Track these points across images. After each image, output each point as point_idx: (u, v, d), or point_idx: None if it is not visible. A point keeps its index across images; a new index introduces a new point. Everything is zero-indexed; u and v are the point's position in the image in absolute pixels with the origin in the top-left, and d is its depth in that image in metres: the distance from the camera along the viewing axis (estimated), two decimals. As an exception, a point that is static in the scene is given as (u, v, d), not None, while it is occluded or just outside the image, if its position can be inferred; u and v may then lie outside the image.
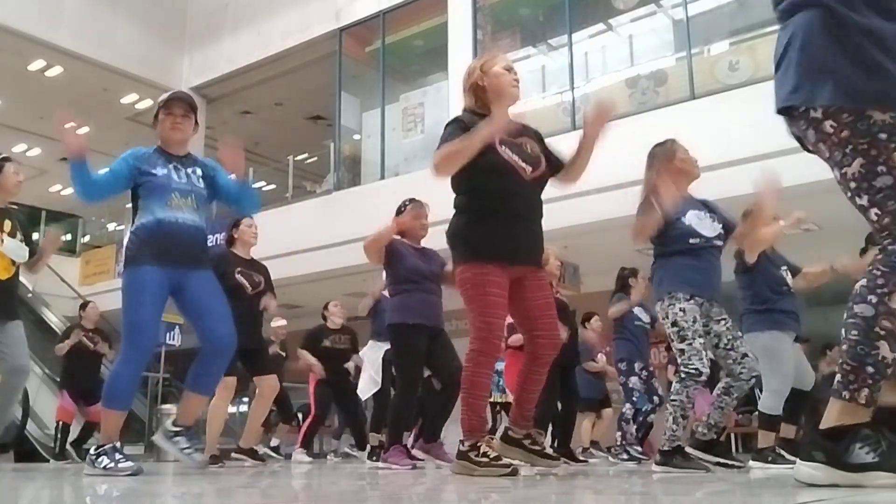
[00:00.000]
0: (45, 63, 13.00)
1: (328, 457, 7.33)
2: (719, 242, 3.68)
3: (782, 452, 4.31)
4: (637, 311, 6.36)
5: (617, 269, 6.58)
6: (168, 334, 9.75)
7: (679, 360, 3.46)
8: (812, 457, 1.82)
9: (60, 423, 7.28)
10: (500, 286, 3.02)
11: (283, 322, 7.74)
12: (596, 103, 3.27)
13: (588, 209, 7.83)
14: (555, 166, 3.23)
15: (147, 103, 14.50)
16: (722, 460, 3.67)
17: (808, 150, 1.96)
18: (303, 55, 12.57)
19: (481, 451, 2.86)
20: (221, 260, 4.79)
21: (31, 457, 7.15)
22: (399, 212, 4.66)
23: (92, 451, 3.27)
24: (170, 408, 8.61)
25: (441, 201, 4.62)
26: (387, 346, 5.10)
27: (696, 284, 3.51)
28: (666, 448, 3.39)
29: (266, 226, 5.14)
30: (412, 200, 4.72)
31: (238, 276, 4.81)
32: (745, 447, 9.10)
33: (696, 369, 3.39)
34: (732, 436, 9.23)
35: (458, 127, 3.07)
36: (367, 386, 5.72)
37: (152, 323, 3.28)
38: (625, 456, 6.09)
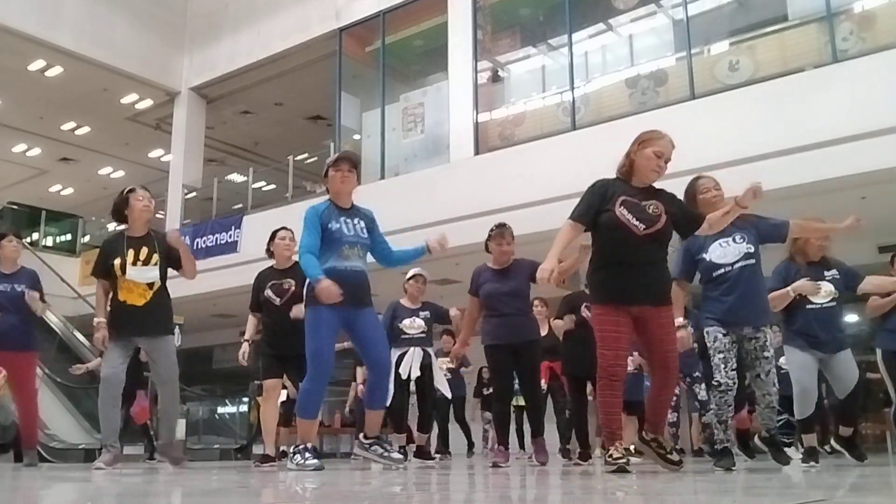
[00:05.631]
0: (45, 63, 13.01)
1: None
2: None
3: (840, 448, 4.82)
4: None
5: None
6: (168, 334, 9.72)
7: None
8: None
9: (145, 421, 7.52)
10: (613, 323, 3.45)
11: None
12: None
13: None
14: (682, 224, 3.60)
15: (147, 103, 14.51)
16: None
17: None
18: (303, 55, 12.58)
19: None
20: (257, 281, 5.18)
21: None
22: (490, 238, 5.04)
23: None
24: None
25: (441, 202, 4.66)
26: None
27: None
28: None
29: (266, 226, 5.16)
30: (498, 226, 5.04)
31: (267, 293, 5.07)
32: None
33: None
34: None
35: (591, 190, 3.56)
36: (445, 386, 6.24)
37: (328, 349, 3.94)
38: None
